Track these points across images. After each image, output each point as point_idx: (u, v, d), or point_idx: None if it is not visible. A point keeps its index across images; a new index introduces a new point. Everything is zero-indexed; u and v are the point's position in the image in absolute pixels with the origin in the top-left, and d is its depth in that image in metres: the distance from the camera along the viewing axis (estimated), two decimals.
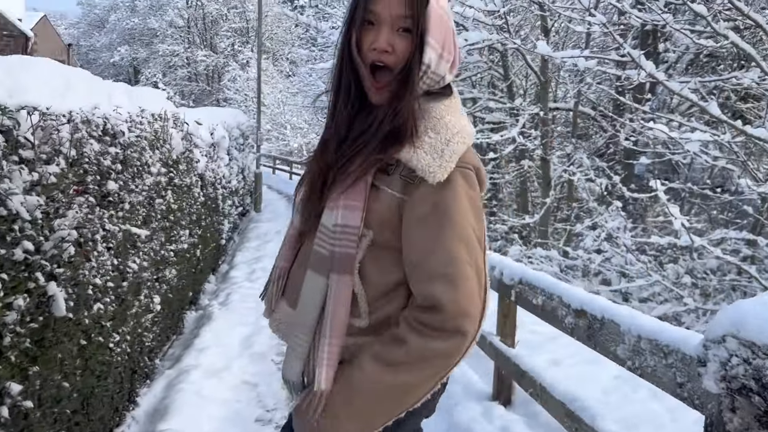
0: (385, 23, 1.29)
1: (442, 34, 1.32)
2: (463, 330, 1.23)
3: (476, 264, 1.27)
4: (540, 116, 13.72)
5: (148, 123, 4.13)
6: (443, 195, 1.27)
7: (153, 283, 4.03)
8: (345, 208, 1.30)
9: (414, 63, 1.29)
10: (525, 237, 14.92)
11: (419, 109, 1.32)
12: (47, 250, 1.89)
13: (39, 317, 1.85)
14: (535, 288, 3.20)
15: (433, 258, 1.25)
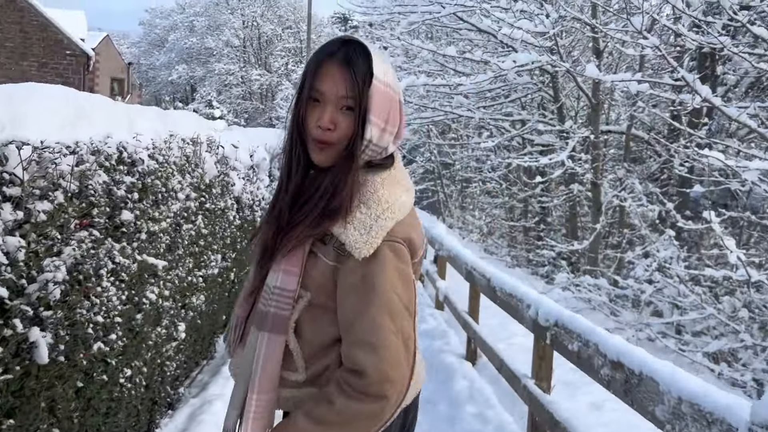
0: (329, 102, 1.38)
1: (386, 109, 1.39)
2: (385, 395, 1.31)
3: (402, 332, 1.34)
4: (591, 139, 13.35)
5: (179, 148, 4.07)
6: (371, 268, 1.35)
7: (177, 311, 3.95)
8: (284, 273, 1.41)
9: (356, 140, 1.38)
10: (573, 263, 14.49)
11: (356, 182, 1.40)
12: (31, 293, 1.79)
13: (17, 367, 1.75)
14: (571, 332, 2.97)
15: (359, 326, 1.33)
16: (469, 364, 5.30)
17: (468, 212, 26.18)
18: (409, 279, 1.39)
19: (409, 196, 1.47)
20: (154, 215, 3.32)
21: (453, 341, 5.91)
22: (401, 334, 1.34)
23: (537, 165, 13.21)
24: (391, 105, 1.42)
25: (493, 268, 4.67)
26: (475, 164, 22.77)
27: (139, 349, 2.99)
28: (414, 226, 1.47)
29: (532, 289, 3.75)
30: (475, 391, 4.64)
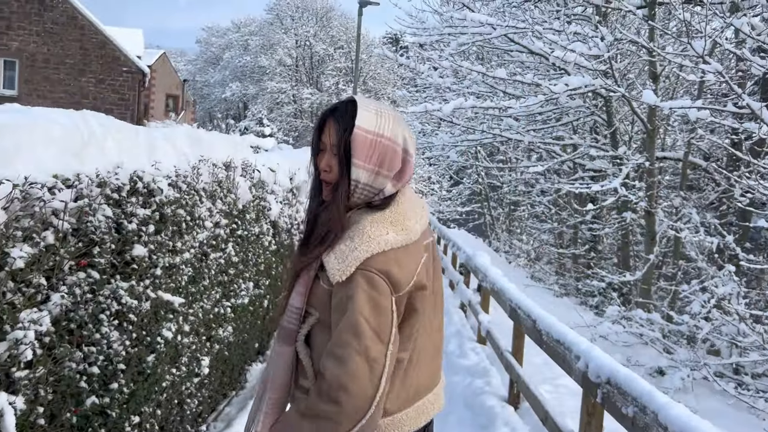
0: (326, 149, 1.64)
1: (373, 154, 1.58)
2: (338, 401, 1.46)
3: (367, 354, 1.48)
4: (645, 166, 12.82)
5: (210, 173, 3.90)
6: (344, 292, 1.53)
7: (201, 345, 3.74)
8: (297, 293, 1.64)
9: (341, 179, 1.61)
10: (624, 294, 13.90)
11: (349, 219, 1.61)
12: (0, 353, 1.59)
13: None
14: (625, 394, 2.64)
15: (332, 340, 1.52)
16: (511, 409, 4.95)
17: (515, 236, 25.63)
18: (380, 306, 1.51)
19: (402, 234, 1.58)
20: (176, 246, 3.12)
21: (495, 381, 5.57)
22: (365, 355, 1.47)
23: (589, 191, 12.74)
24: (381, 151, 1.59)
25: (539, 309, 4.34)
26: (524, 188, 22.29)
27: (152, 392, 2.78)
28: (400, 261, 1.56)
29: (582, 338, 3.41)
30: None
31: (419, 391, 1.70)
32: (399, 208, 1.64)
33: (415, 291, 1.60)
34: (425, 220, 1.72)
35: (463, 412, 5.20)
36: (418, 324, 1.64)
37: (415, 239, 1.63)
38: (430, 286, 1.68)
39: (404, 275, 1.55)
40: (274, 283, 6.01)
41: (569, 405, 5.14)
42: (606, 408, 2.88)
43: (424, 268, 1.63)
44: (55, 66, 25.32)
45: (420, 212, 1.70)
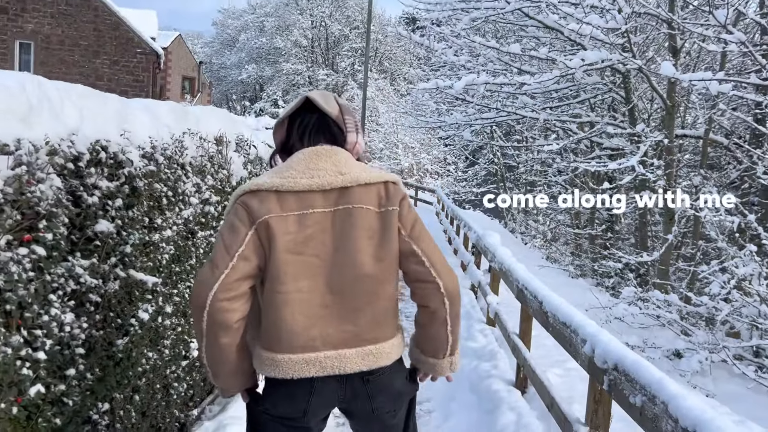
0: None
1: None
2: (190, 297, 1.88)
3: (212, 261, 1.79)
4: (664, 144, 12.45)
5: (197, 147, 3.70)
6: None
7: (189, 327, 3.57)
8: None
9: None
10: (642, 275, 13.59)
11: None
12: None
13: None
14: (633, 382, 2.42)
15: None
16: (518, 393, 4.75)
17: (531, 217, 25.31)
18: (234, 227, 1.82)
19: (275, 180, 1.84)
20: (154, 223, 2.94)
21: (502, 364, 5.37)
22: (211, 262, 1.79)
23: (605, 170, 12.41)
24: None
25: (546, 290, 4.11)
26: (540, 167, 21.94)
27: (125, 377, 2.61)
28: (264, 199, 1.82)
29: (590, 321, 3.19)
30: (522, 427, 4.10)
31: (294, 341, 1.80)
32: (284, 165, 1.91)
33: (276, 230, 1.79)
34: (330, 179, 1.85)
35: (468, 396, 5.02)
36: (278, 268, 1.79)
37: (296, 188, 1.83)
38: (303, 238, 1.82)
39: (263, 209, 1.80)
40: None
41: (580, 390, 4.93)
42: (613, 396, 2.67)
43: (294, 217, 1.82)
44: (70, 48, 25.27)
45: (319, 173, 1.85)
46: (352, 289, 1.84)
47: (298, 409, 1.86)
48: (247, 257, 1.77)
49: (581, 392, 4.88)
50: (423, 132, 33.13)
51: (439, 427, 4.53)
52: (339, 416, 4.79)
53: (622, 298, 10.78)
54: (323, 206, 1.85)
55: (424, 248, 1.93)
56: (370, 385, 1.89)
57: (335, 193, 1.86)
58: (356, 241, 1.84)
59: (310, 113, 1.99)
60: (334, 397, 1.89)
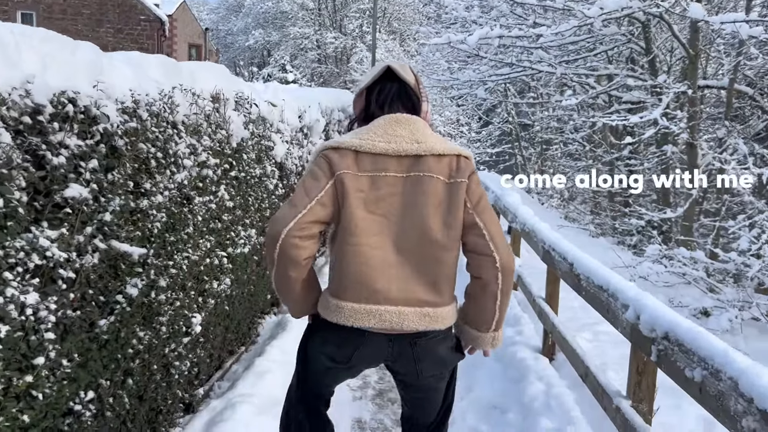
0: None
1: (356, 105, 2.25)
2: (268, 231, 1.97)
3: (292, 201, 1.95)
4: (687, 95, 11.93)
5: (190, 104, 3.37)
6: None
7: (189, 302, 3.29)
8: None
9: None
10: (665, 233, 13.18)
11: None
12: None
13: None
14: (690, 353, 2.10)
15: None
16: (545, 361, 4.46)
17: (548, 176, 24.82)
18: (316, 174, 1.97)
19: (355, 140, 1.98)
20: (141, 188, 2.63)
21: (527, 330, 5.07)
22: (291, 202, 1.95)
23: (626, 124, 11.93)
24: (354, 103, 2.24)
25: (577, 251, 3.79)
26: (556, 124, 21.37)
27: (112, 361, 2.33)
28: (344, 155, 1.97)
29: (630, 283, 2.86)
30: (552, 398, 3.81)
31: (357, 290, 1.94)
32: (365, 128, 2.05)
33: (350, 185, 1.93)
34: (406, 147, 1.97)
35: (492, 364, 4.73)
36: (350, 221, 1.93)
37: (373, 150, 1.97)
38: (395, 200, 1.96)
39: (342, 164, 1.95)
40: None
41: (612, 355, 4.63)
42: (664, 369, 2.35)
43: (368, 177, 1.96)
44: (72, 17, 24.83)
45: (396, 140, 1.98)
46: (418, 252, 1.96)
47: (345, 355, 2.04)
48: (324, 203, 1.94)
49: (614, 358, 4.58)
50: (434, 93, 32.48)
51: (462, 398, 4.26)
52: (355, 389, 4.55)
53: (647, 257, 10.42)
54: (396, 171, 1.98)
55: (487, 222, 1.99)
56: (417, 348, 2.03)
57: (409, 159, 1.98)
58: (424, 208, 1.95)
59: (390, 82, 2.13)
60: (382, 353, 2.05)
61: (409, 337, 2.00)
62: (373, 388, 4.45)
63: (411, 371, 2.09)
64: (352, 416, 4.00)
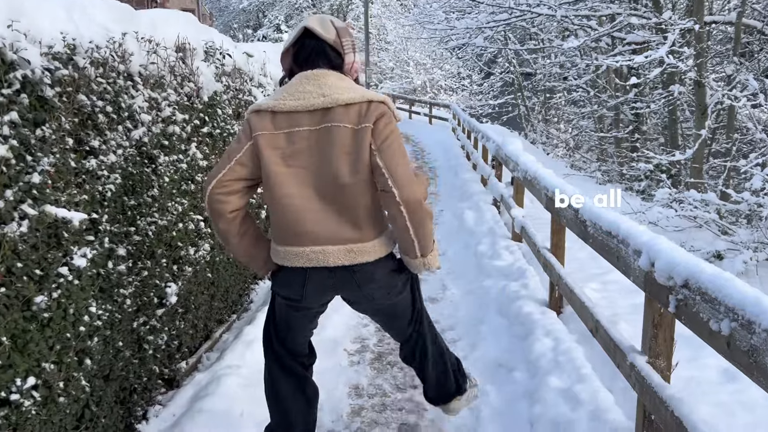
0: None
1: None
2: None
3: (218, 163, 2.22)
4: (694, 32, 11.45)
5: (148, 53, 3.05)
6: None
7: (161, 270, 3.02)
8: None
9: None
10: (674, 176, 12.81)
11: None
12: None
13: None
14: (715, 302, 1.82)
15: None
16: (552, 314, 4.19)
17: (552, 125, 24.34)
18: (239, 138, 2.19)
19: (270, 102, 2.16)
20: (87, 145, 2.34)
21: (532, 283, 4.79)
22: (217, 165, 2.16)
23: (631, 65, 11.48)
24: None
25: (583, 197, 3.48)
26: (559, 71, 20.81)
27: (61, 340, 2.07)
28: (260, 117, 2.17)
29: (641, 227, 2.56)
30: (560, 354, 3.55)
31: (289, 238, 2.17)
32: (280, 89, 2.21)
33: (265, 145, 2.12)
34: (314, 101, 2.11)
35: (497, 320, 4.48)
36: (270, 177, 2.12)
37: (285, 109, 2.13)
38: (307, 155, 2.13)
39: (259, 125, 2.14)
40: None
41: (623, 305, 4.36)
42: (684, 320, 2.07)
43: (284, 135, 2.13)
44: None
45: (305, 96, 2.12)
46: (335, 196, 2.14)
47: (297, 293, 2.26)
48: (243, 163, 2.13)
49: (625, 308, 4.31)
50: (434, 46, 31.80)
51: (466, 357, 4.01)
52: (353, 353, 4.32)
53: (656, 201, 10.09)
54: (309, 125, 2.13)
55: (387, 161, 2.10)
56: (357, 275, 2.23)
57: (319, 113, 2.12)
58: (333, 156, 2.11)
59: (309, 39, 2.20)
60: (326, 284, 2.25)
61: (345, 268, 2.19)
62: (372, 352, 4.21)
63: (360, 297, 2.33)
64: (349, 382, 3.77)
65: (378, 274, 2.25)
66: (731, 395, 3.05)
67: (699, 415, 2.03)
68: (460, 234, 7.09)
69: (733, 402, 2.98)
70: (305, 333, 2.48)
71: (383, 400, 3.57)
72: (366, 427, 3.28)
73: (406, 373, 3.84)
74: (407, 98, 28.93)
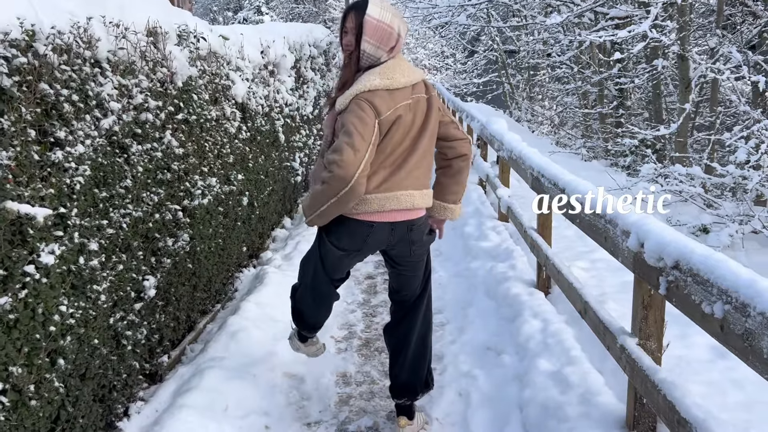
0: (348, 31, 2.55)
1: (377, 35, 2.49)
2: (331, 170, 2.40)
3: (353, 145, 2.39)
4: (677, 4, 11.36)
5: (118, 39, 2.93)
6: (343, 115, 2.51)
7: (137, 263, 2.93)
8: (327, 126, 2.66)
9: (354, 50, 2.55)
10: (658, 151, 12.79)
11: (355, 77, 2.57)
12: None
13: None
14: (707, 284, 1.76)
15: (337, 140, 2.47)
16: (540, 295, 4.14)
17: (537, 103, 24.28)
18: (364, 120, 2.43)
19: (386, 80, 2.49)
20: (52, 136, 2.23)
21: (520, 264, 4.74)
22: (352, 146, 2.38)
23: (614, 40, 11.39)
24: (381, 33, 2.49)
25: (569, 175, 3.41)
26: (543, 48, 20.68)
27: (29, 342, 1.99)
28: (382, 96, 2.48)
29: (629, 206, 2.51)
30: (549, 336, 3.51)
31: (389, 186, 2.56)
32: (387, 67, 2.54)
33: (395, 121, 2.50)
34: (414, 78, 2.59)
35: (485, 302, 4.43)
36: (392, 143, 2.53)
37: (399, 87, 2.52)
38: (410, 119, 2.57)
39: (384, 106, 2.47)
40: (255, 177, 5.15)
41: (611, 284, 4.33)
42: (675, 303, 2.01)
43: (406, 107, 2.54)
44: None
45: (409, 72, 2.57)
46: (421, 151, 2.62)
47: (356, 244, 2.65)
48: (374, 143, 2.45)
49: (613, 287, 4.28)
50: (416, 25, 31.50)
51: (454, 341, 3.97)
52: (340, 341, 4.26)
53: (641, 177, 10.07)
54: (407, 98, 2.55)
55: (455, 118, 2.75)
56: (412, 233, 2.68)
57: (410, 88, 2.58)
58: (422, 120, 2.62)
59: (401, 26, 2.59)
60: (386, 239, 2.66)
61: (406, 224, 2.64)
62: (359, 338, 4.16)
63: (405, 252, 2.75)
64: (336, 370, 3.71)
65: (425, 231, 2.75)
66: (722, 373, 3.02)
67: (692, 398, 1.98)
68: None
69: (723, 380, 2.95)
70: (351, 267, 2.92)
71: (371, 387, 3.51)
72: (354, 416, 3.22)
73: None
74: None
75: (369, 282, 5.21)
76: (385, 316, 4.46)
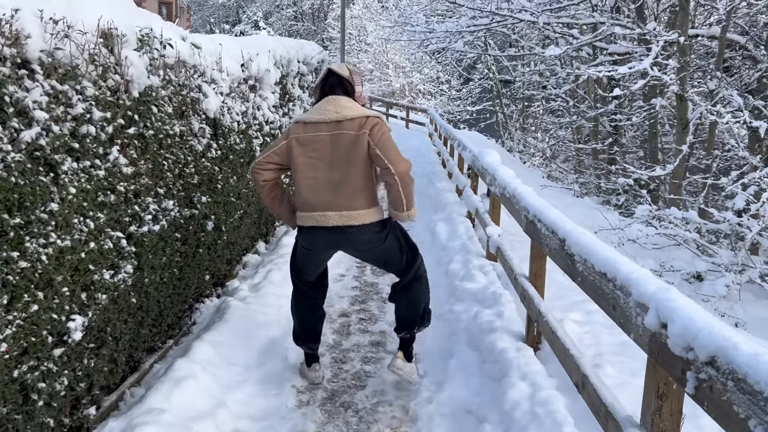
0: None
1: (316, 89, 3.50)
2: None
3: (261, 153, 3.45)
4: (679, 44, 11.11)
5: (55, 37, 2.51)
6: None
7: (62, 300, 2.48)
8: None
9: None
10: (652, 191, 12.46)
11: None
12: None
13: None
14: (760, 398, 1.34)
15: None
16: (529, 351, 3.70)
17: (530, 134, 24.04)
18: (279, 138, 3.40)
19: (304, 116, 3.34)
20: None
21: (508, 311, 4.31)
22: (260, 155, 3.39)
23: (613, 76, 11.10)
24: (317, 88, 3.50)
25: (570, 223, 3.00)
26: (539, 79, 20.47)
27: None
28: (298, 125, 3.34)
29: (646, 271, 2.09)
30: (538, 405, 3.07)
31: (305, 206, 3.32)
32: (312, 108, 3.36)
33: (296, 144, 3.29)
34: (331, 116, 3.28)
35: (467, 354, 3.99)
36: (296, 165, 3.29)
37: (311, 121, 3.29)
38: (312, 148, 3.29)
39: (293, 130, 3.32)
40: (224, 200, 4.71)
41: (608, 343, 3.91)
42: (707, 408, 1.59)
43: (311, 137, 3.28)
44: None
45: (325, 113, 3.30)
46: (338, 178, 3.26)
47: (310, 244, 3.44)
48: (277, 153, 3.34)
49: (610, 347, 3.85)
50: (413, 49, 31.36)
51: (430, 400, 3.53)
52: (302, 391, 3.78)
53: (636, 218, 9.71)
54: (326, 131, 3.28)
55: (383, 150, 3.24)
56: (349, 235, 3.32)
57: (333, 124, 3.28)
58: (341, 152, 3.25)
59: (332, 76, 3.45)
60: (329, 240, 3.38)
61: (340, 229, 3.28)
62: (325, 389, 3.70)
63: (354, 250, 3.51)
64: (294, 429, 3.24)
65: (363, 234, 3.33)
66: None
67: None
68: (432, 249, 6.60)
69: None
70: (316, 270, 3.62)
71: None
72: None
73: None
74: (385, 101, 28.44)
75: (343, 321, 4.76)
76: (356, 363, 4.02)
